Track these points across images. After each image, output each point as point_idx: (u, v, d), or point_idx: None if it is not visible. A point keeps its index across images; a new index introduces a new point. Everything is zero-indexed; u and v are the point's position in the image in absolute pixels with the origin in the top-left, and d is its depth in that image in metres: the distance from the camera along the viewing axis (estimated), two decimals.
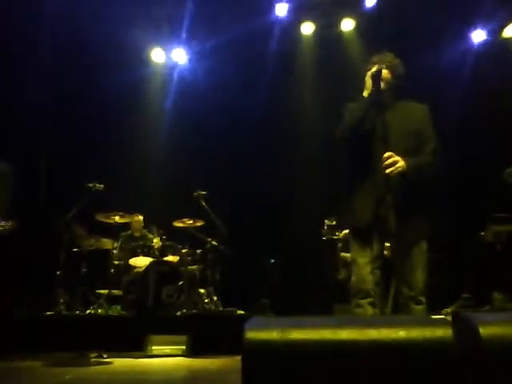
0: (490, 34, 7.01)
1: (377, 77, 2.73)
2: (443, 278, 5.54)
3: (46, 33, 6.38)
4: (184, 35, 7.07)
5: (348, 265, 5.67)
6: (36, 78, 6.44)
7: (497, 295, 5.35)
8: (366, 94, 2.80)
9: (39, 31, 6.39)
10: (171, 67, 7.57)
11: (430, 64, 6.47)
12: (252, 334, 1.32)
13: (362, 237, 2.75)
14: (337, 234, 5.97)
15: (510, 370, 1.27)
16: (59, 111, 6.83)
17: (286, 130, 7.27)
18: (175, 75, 7.56)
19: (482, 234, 5.64)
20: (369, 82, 2.78)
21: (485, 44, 7.05)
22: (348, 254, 5.52)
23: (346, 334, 1.31)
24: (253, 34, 6.91)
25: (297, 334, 1.32)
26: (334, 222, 5.98)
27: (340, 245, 5.95)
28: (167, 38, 7.27)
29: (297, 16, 7.21)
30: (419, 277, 2.70)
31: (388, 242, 2.88)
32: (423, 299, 2.69)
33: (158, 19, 6.88)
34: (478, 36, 7.08)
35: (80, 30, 6.45)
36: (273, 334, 1.32)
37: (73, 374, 3.61)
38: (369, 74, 2.79)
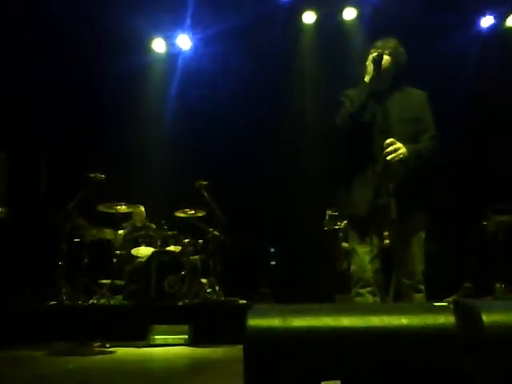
0: (497, 19, 6.94)
1: (378, 62, 2.71)
2: (445, 267, 5.54)
3: (44, 20, 6.34)
4: (187, 22, 7.03)
5: (348, 255, 5.67)
6: (36, 66, 6.41)
7: (498, 285, 5.35)
8: (366, 79, 2.77)
9: (38, 19, 6.35)
10: (172, 55, 7.54)
11: (433, 53, 6.42)
12: (254, 322, 1.33)
13: (361, 226, 2.75)
14: (338, 223, 5.97)
15: None
16: (60, 100, 6.80)
17: (287, 119, 7.24)
18: (176, 63, 7.53)
19: (484, 223, 5.64)
20: (370, 66, 2.76)
21: (491, 32, 6.97)
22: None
23: (347, 321, 1.31)
24: (254, 23, 6.87)
25: (298, 322, 1.32)
26: (336, 212, 5.98)
27: (341, 235, 5.95)
28: (169, 25, 7.22)
29: (298, 5, 7.16)
30: (417, 266, 2.71)
31: (387, 231, 2.88)
32: (422, 287, 2.71)
33: (160, 7, 6.83)
34: (486, 22, 6.99)
35: (81, 18, 6.41)
36: (275, 322, 1.32)
37: (76, 363, 3.63)
38: (370, 58, 2.77)
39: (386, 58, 2.75)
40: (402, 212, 2.61)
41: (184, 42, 7.42)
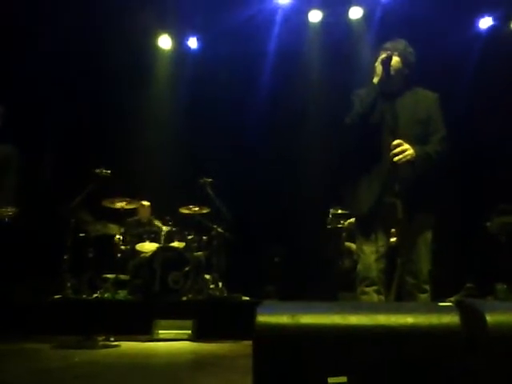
0: (497, 21, 6.93)
1: (386, 63, 2.72)
2: (447, 267, 5.55)
3: (48, 16, 6.36)
4: (193, 21, 7.05)
5: (352, 254, 5.70)
6: (40, 63, 6.42)
7: (500, 286, 5.37)
8: (375, 80, 2.78)
9: (41, 15, 6.36)
10: (178, 52, 7.56)
11: (438, 52, 6.39)
12: (263, 318, 1.35)
13: (367, 224, 2.76)
14: (342, 222, 5.99)
15: None
16: (64, 96, 6.82)
17: (292, 118, 7.24)
18: (182, 61, 7.54)
19: (488, 224, 5.65)
20: (379, 68, 2.77)
21: (492, 32, 6.96)
22: (352, 244, 5.57)
23: (355, 320, 1.34)
24: (260, 21, 6.88)
25: (307, 319, 1.34)
26: (339, 211, 6.00)
27: (344, 234, 5.97)
28: (174, 23, 7.23)
29: (304, 3, 7.16)
30: (424, 266, 2.71)
31: (394, 230, 2.90)
32: (427, 287, 2.72)
33: (166, 5, 6.84)
34: (485, 23, 6.98)
35: (88, 14, 6.43)
36: (283, 319, 1.35)
37: (80, 356, 3.66)
38: (379, 59, 2.78)
39: (396, 59, 2.76)
40: (408, 212, 2.63)
41: (191, 40, 7.45)
